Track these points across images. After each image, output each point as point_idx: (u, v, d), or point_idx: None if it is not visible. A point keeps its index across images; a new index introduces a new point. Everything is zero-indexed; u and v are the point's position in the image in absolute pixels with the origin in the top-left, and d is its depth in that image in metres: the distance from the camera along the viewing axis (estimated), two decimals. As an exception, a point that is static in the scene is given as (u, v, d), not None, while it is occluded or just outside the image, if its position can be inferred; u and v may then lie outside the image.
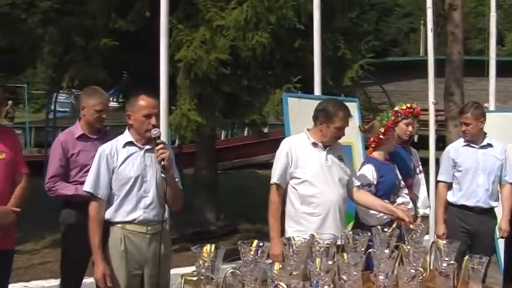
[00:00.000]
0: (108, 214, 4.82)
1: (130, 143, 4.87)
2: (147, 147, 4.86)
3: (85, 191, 4.85)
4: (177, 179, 5.10)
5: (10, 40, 12.88)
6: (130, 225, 4.81)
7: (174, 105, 8.39)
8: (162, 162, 4.74)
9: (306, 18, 8.69)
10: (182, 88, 8.61)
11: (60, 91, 12.40)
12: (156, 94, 6.01)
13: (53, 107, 15.61)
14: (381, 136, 6.23)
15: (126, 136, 4.92)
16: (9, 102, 37.92)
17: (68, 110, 31.10)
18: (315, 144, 5.45)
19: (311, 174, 5.39)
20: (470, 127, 6.66)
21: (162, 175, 4.79)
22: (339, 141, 5.62)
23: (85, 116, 5.86)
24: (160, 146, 4.75)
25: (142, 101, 4.79)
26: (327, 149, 5.46)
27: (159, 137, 4.80)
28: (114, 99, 10.94)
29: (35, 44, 11.02)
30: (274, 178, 5.50)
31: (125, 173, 4.80)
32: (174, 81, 8.28)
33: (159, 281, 4.88)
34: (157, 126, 4.85)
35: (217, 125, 10.89)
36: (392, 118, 6.20)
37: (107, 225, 4.84)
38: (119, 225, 4.81)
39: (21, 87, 38.53)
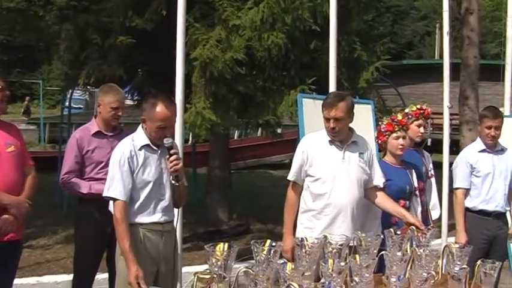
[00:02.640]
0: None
1: (146, 146, 4.85)
2: (161, 149, 4.86)
3: (108, 196, 4.83)
4: (183, 178, 5.10)
5: (27, 37, 12.96)
6: (150, 225, 4.84)
7: (189, 104, 8.41)
8: (175, 173, 4.78)
9: (322, 20, 8.70)
10: (197, 87, 8.62)
11: (76, 88, 12.41)
12: (171, 92, 6.03)
13: (67, 104, 15.63)
14: (377, 141, 6.24)
15: (142, 137, 4.88)
16: (27, 98, 38.17)
17: (82, 106, 31.19)
18: (331, 142, 5.40)
19: (325, 173, 5.36)
20: (499, 132, 6.62)
21: (173, 182, 4.83)
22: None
23: (101, 113, 5.90)
24: (174, 157, 4.76)
25: (159, 112, 4.73)
26: (345, 146, 5.42)
27: (171, 147, 4.79)
28: (129, 97, 10.96)
29: (51, 41, 11.07)
30: (290, 175, 5.52)
31: (144, 177, 4.80)
32: (189, 80, 8.29)
33: (174, 278, 4.90)
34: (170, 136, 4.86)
35: (232, 125, 10.90)
36: (385, 124, 6.17)
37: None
38: (139, 226, 4.83)
39: (36, 83, 38.72)
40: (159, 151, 4.86)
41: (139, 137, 4.90)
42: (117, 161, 4.79)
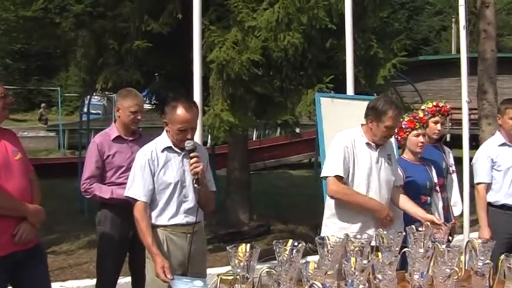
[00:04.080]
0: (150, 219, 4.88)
1: (169, 148, 4.90)
2: (185, 151, 4.88)
3: (129, 197, 4.90)
4: (210, 181, 5.14)
5: (44, 44, 13.05)
6: (172, 227, 4.86)
7: (207, 106, 8.43)
8: (196, 176, 4.79)
9: (337, 18, 8.69)
10: (215, 89, 8.64)
11: (94, 93, 12.48)
12: (188, 95, 6.05)
13: (85, 110, 15.71)
14: (397, 137, 6.21)
15: (165, 140, 4.94)
16: (42, 105, 38.41)
17: (100, 112, 31.33)
18: (368, 144, 5.40)
19: (361, 174, 5.35)
20: None
21: (195, 185, 4.83)
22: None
23: (120, 117, 5.93)
24: (194, 159, 4.78)
25: (180, 114, 4.77)
26: (379, 149, 5.43)
27: (193, 150, 4.81)
28: (147, 101, 11.00)
29: (68, 47, 11.14)
30: (335, 170, 5.32)
31: (164, 178, 4.85)
32: (206, 82, 8.31)
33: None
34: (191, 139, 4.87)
35: (250, 126, 10.91)
36: (406, 120, 6.14)
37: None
38: (161, 228, 4.86)
39: (54, 90, 38.94)
40: (183, 153, 4.89)
41: (162, 139, 4.97)
42: (139, 162, 4.89)
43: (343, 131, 5.62)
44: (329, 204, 5.55)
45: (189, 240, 4.91)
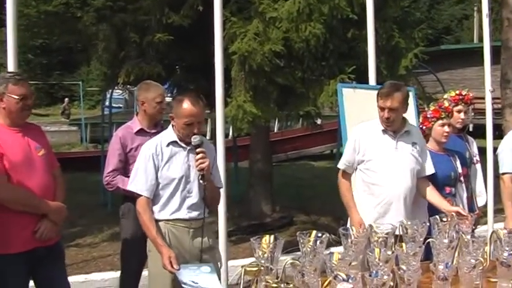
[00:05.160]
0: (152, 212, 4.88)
1: (174, 142, 4.89)
2: (191, 147, 4.86)
3: (131, 191, 4.93)
4: (216, 177, 5.13)
5: (65, 39, 13.11)
6: (174, 221, 4.85)
7: (229, 98, 8.42)
8: (201, 172, 4.78)
9: (359, 8, 8.65)
10: (237, 80, 8.62)
11: (115, 87, 12.52)
12: (210, 86, 6.05)
13: (107, 103, 15.78)
14: (421, 127, 6.17)
15: (170, 134, 4.93)
16: (66, 99, 38.66)
17: (121, 105, 31.45)
18: (384, 132, 5.41)
19: (377, 163, 5.36)
20: None
21: (201, 181, 4.82)
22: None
23: (146, 110, 5.95)
24: (200, 155, 4.75)
25: (186, 108, 4.77)
26: (398, 135, 5.41)
27: (199, 145, 4.80)
28: (169, 94, 11.03)
29: (89, 41, 11.18)
30: (341, 164, 5.57)
31: (168, 173, 4.84)
32: (228, 74, 8.30)
33: None
34: (198, 133, 4.85)
35: (272, 117, 10.91)
36: (431, 110, 6.09)
37: None
38: (163, 221, 4.85)
39: (76, 84, 39.16)
40: (188, 148, 4.88)
41: (167, 133, 4.96)
42: (143, 156, 4.88)
43: (360, 124, 5.66)
44: None
45: (192, 236, 4.88)
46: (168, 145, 4.88)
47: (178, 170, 4.85)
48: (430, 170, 5.64)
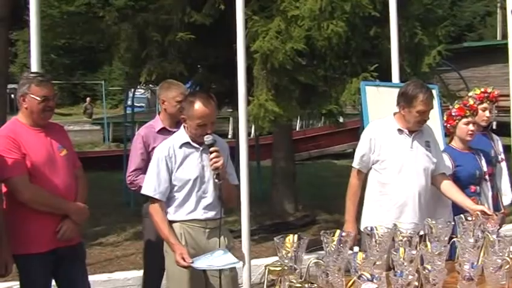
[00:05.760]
0: (168, 214, 4.87)
1: (187, 144, 4.88)
2: (204, 147, 4.86)
3: (144, 194, 4.93)
4: (232, 175, 5.11)
5: (87, 39, 13.18)
6: (190, 222, 4.84)
7: (251, 96, 8.41)
8: (216, 171, 4.76)
9: (381, 5, 8.61)
10: (259, 79, 8.60)
11: (138, 87, 12.58)
12: (232, 85, 6.02)
13: (130, 103, 15.83)
14: (446, 125, 6.12)
15: (183, 136, 4.92)
16: (88, 99, 38.90)
17: (143, 105, 31.58)
18: (400, 131, 5.36)
19: (392, 162, 5.32)
20: None
21: (216, 181, 4.81)
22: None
23: (166, 109, 5.96)
24: (214, 154, 4.75)
25: (198, 109, 4.75)
26: (413, 135, 5.37)
27: (212, 144, 4.79)
28: (191, 93, 11.05)
29: (112, 41, 11.22)
30: (355, 163, 5.52)
31: (183, 174, 4.82)
32: (250, 72, 8.29)
33: (221, 274, 4.82)
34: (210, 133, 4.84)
35: (295, 115, 10.91)
36: (456, 108, 6.03)
37: None
38: (179, 222, 4.85)
39: (98, 84, 39.40)
40: (201, 148, 4.86)
41: (180, 135, 4.95)
42: (156, 159, 4.87)
43: (373, 122, 5.63)
44: (366, 193, 5.61)
45: (208, 236, 4.88)
46: (181, 147, 4.87)
47: (193, 171, 4.84)
48: (444, 167, 5.61)
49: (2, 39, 9.97)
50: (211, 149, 4.77)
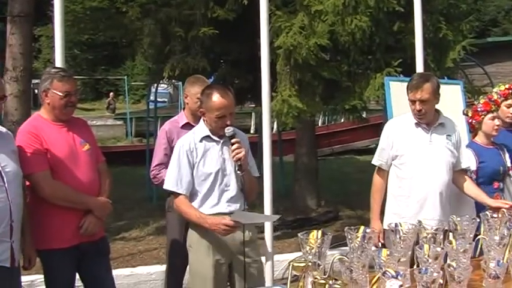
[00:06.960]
0: None
1: (207, 137, 4.87)
2: (224, 139, 4.86)
3: (168, 190, 4.95)
4: (252, 167, 5.11)
5: (110, 34, 13.22)
6: (215, 215, 4.79)
7: (274, 92, 8.39)
8: (238, 162, 4.76)
9: (404, 0, 8.55)
10: (282, 74, 8.58)
11: (161, 82, 12.59)
12: (256, 81, 6.00)
13: (152, 98, 15.87)
14: (471, 121, 6.06)
15: (203, 129, 4.91)
16: (111, 94, 39.06)
17: (166, 100, 31.65)
18: (417, 125, 5.34)
19: (411, 157, 5.31)
20: None
21: (238, 172, 4.81)
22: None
23: (188, 104, 5.96)
24: (236, 145, 4.75)
25: (215, 101, 4.75)
26: (432, 128, 5.33)
27: (233, 136, 4.79)
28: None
29: (134, 36, 11.24)
30: (375, 160, 5.55)
31: (205, 168, 4.82)
32: (273, 68, 8.27)
33: (247, 268, 4.83)
34: (230, 125, 4.83)
35: (318, 111, 10.87)
36: (482, 103, 5.98)
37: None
38: None
39: (121, 79, 39.54)
40: (221, 141, 4.86)
41: (200, 129, 4.94)
42: (177, 154, 4.87)
43: (392, 119, 5.63)
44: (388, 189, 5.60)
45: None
46: (201, 140, 4.87)
47: (214, 164, 4.84)
48: (466, 163, 5.57)
49: (26, 34, 10.04)
50: (233, 140, 4.78)
